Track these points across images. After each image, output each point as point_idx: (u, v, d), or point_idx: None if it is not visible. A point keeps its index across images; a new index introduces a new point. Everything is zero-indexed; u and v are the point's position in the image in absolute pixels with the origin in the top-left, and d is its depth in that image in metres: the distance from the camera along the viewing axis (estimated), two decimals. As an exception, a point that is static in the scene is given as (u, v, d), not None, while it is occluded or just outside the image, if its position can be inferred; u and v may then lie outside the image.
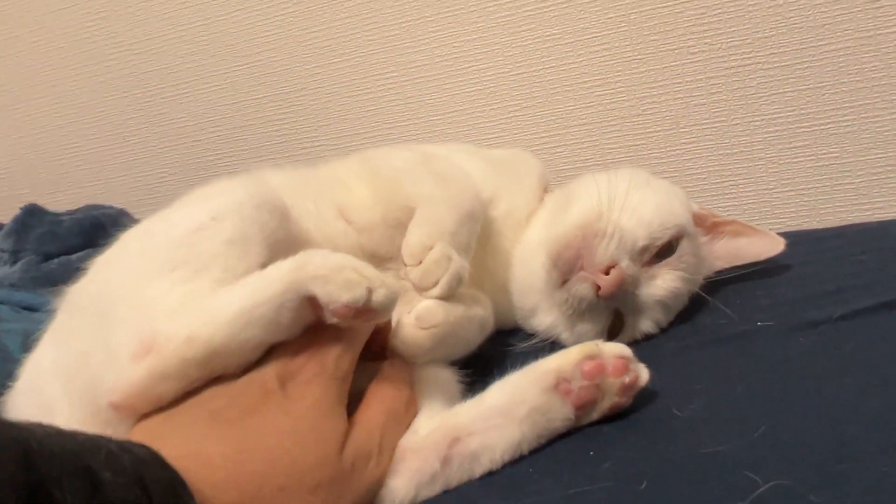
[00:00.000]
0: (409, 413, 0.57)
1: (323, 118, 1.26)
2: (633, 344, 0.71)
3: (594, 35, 1.09)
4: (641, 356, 0.70)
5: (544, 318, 0.74)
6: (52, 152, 1.46)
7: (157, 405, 0.50)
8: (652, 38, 1.06)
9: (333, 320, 0.51)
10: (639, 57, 1.08)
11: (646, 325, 0.72)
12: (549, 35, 1.11)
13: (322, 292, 0.49)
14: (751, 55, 1.04)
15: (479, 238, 0.72)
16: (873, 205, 1.05)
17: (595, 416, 0.56)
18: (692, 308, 0.75)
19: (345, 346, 0.54)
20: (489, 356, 0.70)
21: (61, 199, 1.40)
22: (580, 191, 0.75)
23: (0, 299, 0.84)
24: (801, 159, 1.06)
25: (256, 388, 0.50)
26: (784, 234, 0.85)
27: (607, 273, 0.67)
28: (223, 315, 0.50)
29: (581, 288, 0.68)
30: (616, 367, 0.56)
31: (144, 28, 1.32)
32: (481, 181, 0.75)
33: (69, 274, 0.61)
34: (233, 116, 1.32)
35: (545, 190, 0.82)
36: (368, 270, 0.52)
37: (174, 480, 0.40)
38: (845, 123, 1.03)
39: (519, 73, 1.14)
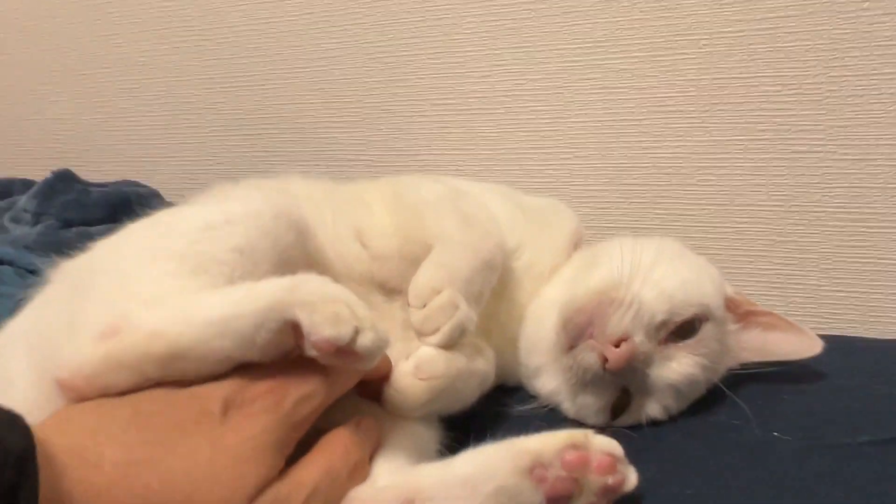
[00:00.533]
0: (351, 480, 0.50)
1: (375, 135, 1.24)
2: (636, 428, 0.67)
3: (662, 95, 1.05)
4: (640, 443, 0.65)
5: (547, 381, 0.70)
6: (107, 122, 1.48)
7: (101, 395, 0.46)
8: (719, 108, 1.02)
9: (312, 353, 0.47)
10: (704, 125, 1.03)
11: (653, 409, 0.67)
12: (613, 87, 1.07)
13: (307, 320, 0.46)
14: (821, 142, 0.98)
15: (496, 287, 0.69)
16: (931, 322, 0.98)
17: None
18: (708, 399, 0.70)
19: (314, 390, 0.49)
20: (482, 414, 0.67)
21: (105, 171, 1.41)
22: (606, 254, 0.71)
23: (10, 259, 0.83)
24: (859, 261, 0.99)
25: (195, 405, 0.46)
26: (826, 337, 0.79)
27: (618, 346, 0.62)
28: (198, 318, 0.47)
29: (587, 357, 0.64)
30: (601, 465, 0.50)
31: (218, 17, 1.33)
32: (509, 228, 0.72)
33: (84, 245, 0.60)
34: (287, 117, 1.31)
35: (576, 247, 0.79)
36: (361, 310, 0.48)
37: (17, 490, 0.34)
38: (914, 230, 0.97)
39: (578, 122, 1.10)
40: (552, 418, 0.69)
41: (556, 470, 0.50)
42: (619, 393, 0.66)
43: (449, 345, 0.58)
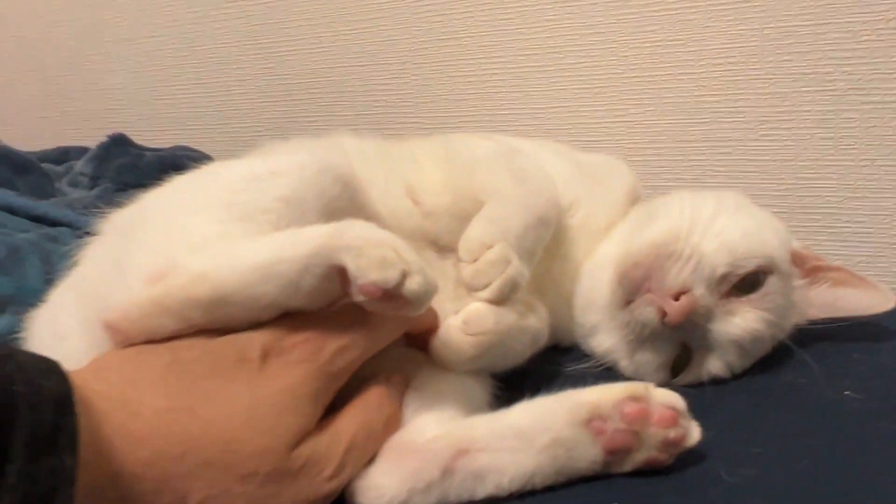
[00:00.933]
0: (385, 432, 0.50)
1: (423, 95, 1.22)
2: (698, 386, 0.65)
3: (719, 47, 1.00)
4: (704, 401, 0.63)
5: (604, 339, 0.68)
6: (161, 90, 1.49)
7: (147, 339, 0.46)
8: (784, 58, 0.96)
9: (359, 298, 0.45)
10: (767, 76, 0.98)
11: (715, 365, 0.64)
12: (669, 40, 1.03)
13: (353, 264, 0.45)
14: (893, 91, 0.92)
15: (550, 244, 0.67)
16: None
17: (628, 466, 0.49)
18: (774, 358, 0.67)
19: (353, 342, 0.48)
20: (535, 372, 0.65)
21: (160, 137, 1.43)
22: (664, 208, 0.68)
23: (69, 221, 0.84)
24: (935, 217, 0.94)
25: (233, 352, 0.45)
26: (897, 296, 0.75)
27: (677, 299, 0.60)
28: (243, 262, 0.46)
29: (645, 311, 0.62)
30: (662, 418, 0.49)
31: (266, -19, 1.32)
32: (563, 185, 0.70)
33: (139, 206, 0.60)
34: (335, 80, 1.30)
35: (633, 203, 0.76)
36: (409, 254, 0.46)
37: (60, 431, 0.34)
38: None
39: (631, 77, 1.06)
40: (608, 377, 0.67)
41: (614, 422, 0.49)
42: (678, 349, 0.64)
43: (500, 300, 0.57)
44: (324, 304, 0.48)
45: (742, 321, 0.62)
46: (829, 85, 0.95)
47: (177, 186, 0.58)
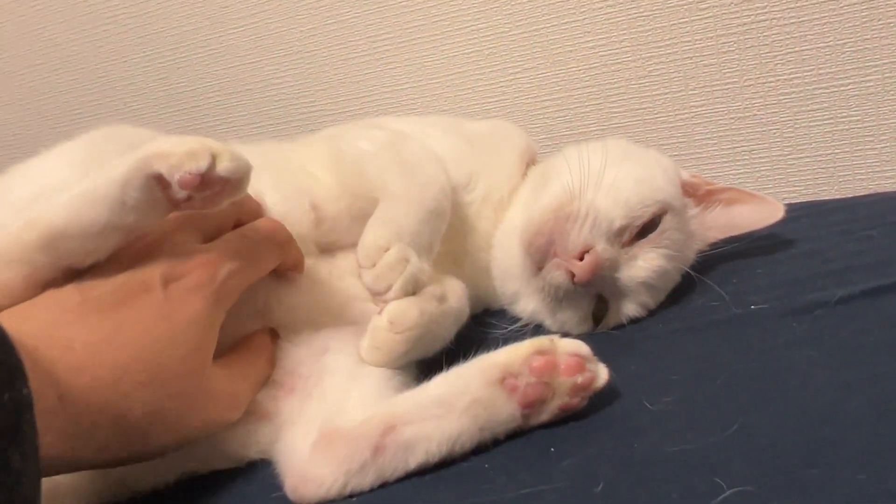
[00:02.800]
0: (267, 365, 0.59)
1: (321, 82, 1.22)
2: (619, 328, 0.68)
3: (598, -8, 1.03)
4: (625, 340, 0.67)
5: (526, 304, 0.71)
6: (57, 118, 1.45)
7: (6, 294, 0.49)
8: (659, -8, 1.00)
9: (182, 194, 0.49)
10: (645, 14, 1.01)
11: (631, 308, 0.68)
12: (549, -9, 1.05)
13: (165, 166, 0.48)
14: (765, 10, 0.96)
15: (457, 220, 0.69)
16: (896, 172, 0.98)
17: (545, 417, 0.53)
18: (685, 287, 0.71)
19: (240, 267, 0.54)
20: (469, 338, 0.67)
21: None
22: (554, 170, 0.71)
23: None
24: (819, 123, 0.99)
25: (137, 282, 0.50)
26: (792, 206, 0.80)
27: (581, 258, 0.63)
28: (65, 198, 0.49)
29: (555, 275, 0.65)
30: (569, 366, 0.52)
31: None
32: (456, 164, 0.71)
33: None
34: (230, 81, 1.28)
35: (531, 163, 0.78)
36: (214, 143, 0.49)
37: (12, 366, 0.37)
38: (868, 84, 0.96)
39: (519, 33, 1.08)
40: (541, 334, 0.70)
41: (525, 377, 0.52)
42: (595, 301, 0.67)
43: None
44: (156, 217, 0.51)
45: (645, 263, 0.66)
46: (704, 13, 0.99)
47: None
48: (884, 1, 0.92)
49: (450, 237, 0.66)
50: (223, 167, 0.48)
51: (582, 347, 0.53)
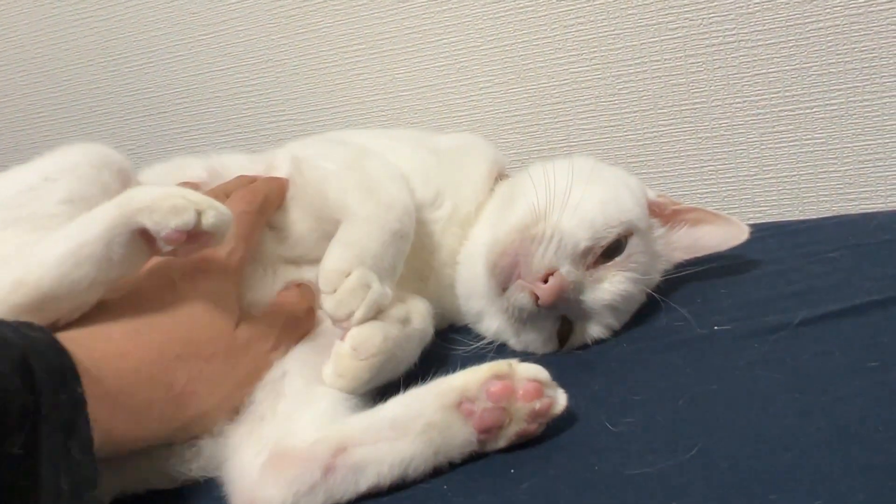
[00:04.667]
0: (307, 320, 0.63)
1: (290, 91, 1.21)
2: (583, 348, 0.68)
3: (568, 8, 1.03)
4: (588, 360, 0.66)
5: (490, 323, 0.70)
6: (19, 121, 1.42)
7: None
8: (629, 12, 1.00)
9: (167, 248, 0.51)
10: (615, 32, 1.01)
11: (595, 330, 0.67)
12: (521, 7, 1.05)
13: (150, 222, 0.49)
14: (733, 32, 0.97)
15: (423, 237, 0.69)
16: (860, 194, 0.99)
17: (502, 442, 0.52)
18: (650, 307, 0.71)
19: (237, 243, 0.60)
20: (433, 355, 0.66)
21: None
22: (520, 188, 0.70)
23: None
24: (785, 144, 1.00)
25: (155, 280, 0.55)
26: (757, 227, 0.81)
27: (545, 281, 0.62)
28: (50, 256, 0.49)
29: (519, 297, 0.64)
30: (527, 391, 0.51)
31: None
32: (422, 181, 0.70)
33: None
34: (198, 88, 1.26)
35: (500, 177, 0.77)
36: (196, 196, 0.51)
37: (65, 368, 0.42)
38: (832, 107, 0.97)
39: (490, 48, 1.08)
40: (504, 354, 0.69)
41: (482, 402, 0.51)
42: (559, 322, 0.67)
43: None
44: (138, 266, 0.53)
45: (611, 286, 0.65)
46: (673, 32, 0.99)
47: None
48: (848, 26, 0.93)
49: (415, 253, 0.65)
50: (208, 223, 0.50)
51: (541, 373, 0.52)
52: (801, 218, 0.95)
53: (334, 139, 0.79)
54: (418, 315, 0.64)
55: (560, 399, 0.52)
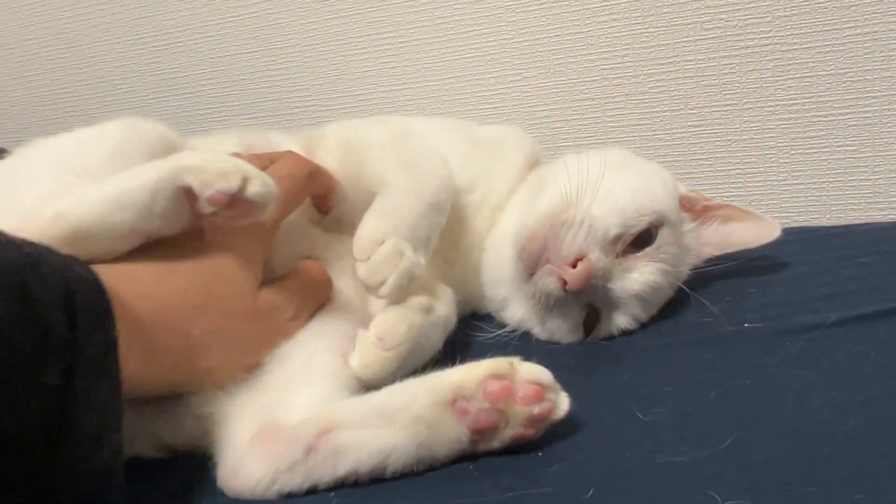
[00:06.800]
0: (325, 287, 0.62)
1: (317, 76, 1.21)
2: (609, 339, 0.67)
3: (601, 4, 1.02)
4: (615, 351, 0.66)
5: (515, 310, 0.70)
6: (44, 95, 1.42)
7: None
8: (664, 10, 1.00)
9: (209, 209, 0.51)
10: (649, 30, 1.01)
11: (622, 320, 0.66)
12: (554, 2, 1.04)
13: (196, 181, 0.50)
14: (769, 34, 0.96)
15: (453, 220, 0.68)
16: (890, 204, 0.98)
17: (496, 445, 0.49)
18: (678, 302, 0.70)
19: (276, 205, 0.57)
20: (455, 342, 0.66)
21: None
22: (552, 176, 0.70)
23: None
24: (815, 150, 0.99)
25: (183, 238, 0.54)
26: (786, 231, 0.79)
27: (574, 266, 0.61)
28: (95, 197, 0.50)
29: (547, 282, 0.63)
30: (527, 395, 0.48)
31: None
32: (459, 165, 0.70)
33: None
34: (225, 70, 1.26)
35: (533, 168, 0.77)
36: (246, 165, 0.52)
37: (104, 309, 0.42)
38: (866, 115, 0.96)
39: (522, 41, 1.07)
40: (526, 342, 0.69)
41: (478, 402, 0.48)
42: (586, 311, 0.66)
43: (398, 293, 0.58)
44: (177, 226, 0.53)
45: (640, 276, 0.65)
46: (708, 33, 0.99)
47: (8, 165, 0.60)
48: (886, 33, 0.93)
49: (444, 235, 0.65)
50: (253, 191, 0.51)
51: (543, 374, 0.50)
52: (829, 224, 0.95)
53: (379, 120, 0.79)
54: (442, 302, 0.64)
55: (562, 404, 0.50)
